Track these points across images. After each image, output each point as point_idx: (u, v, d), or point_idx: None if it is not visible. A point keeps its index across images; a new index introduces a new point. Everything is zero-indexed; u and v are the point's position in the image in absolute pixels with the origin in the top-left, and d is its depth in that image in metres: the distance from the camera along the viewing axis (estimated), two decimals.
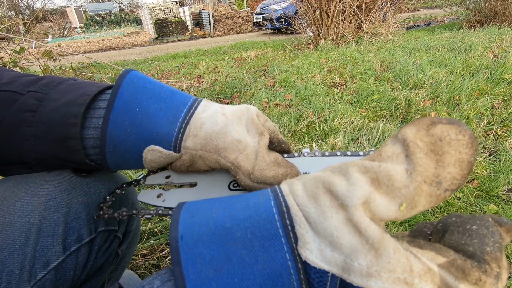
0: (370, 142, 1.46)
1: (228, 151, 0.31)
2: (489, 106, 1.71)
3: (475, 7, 4.87)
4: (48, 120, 0.31)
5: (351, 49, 3.58)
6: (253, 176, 0.30)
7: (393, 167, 0.20)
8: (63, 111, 0.31)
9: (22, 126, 0.31)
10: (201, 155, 0.32)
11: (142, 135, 0.31)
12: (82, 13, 20.76)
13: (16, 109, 0.32)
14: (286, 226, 0.21)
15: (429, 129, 0.20)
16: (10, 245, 0.30)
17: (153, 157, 0.32)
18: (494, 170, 1.26)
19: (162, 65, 4.36)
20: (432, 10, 10.56)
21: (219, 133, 0.31)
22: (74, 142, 0.31)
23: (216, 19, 10.30)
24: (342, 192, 0.21)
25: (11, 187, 0.34)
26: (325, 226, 0.20)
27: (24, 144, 0.32)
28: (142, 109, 0.32)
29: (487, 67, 2.27)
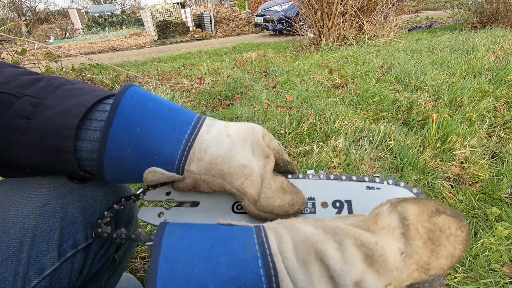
0: (372, 144, 1.45)
1: (234, 176, 0.30)
2: (492, 108, 1.70)
3: (476, 8, 4.86)
4: (43, 129, 0.30)
5: (352, 50, 3.57)
6: (259, 204, 0.29)
7: (388, 245, 0.20)
8: (57, 120, 0.30)
9: (17, 133, 0.31)
10: (205, 179, 0.31)
11: (142, 156, 0.30)
12: (84, 14, 20.85)
13: (11, 114, 0.31)
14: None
15: (432, 216, 0.20)
16: (3, 252, 0.30)
17: (154, 177, 0.31)
18: (497, 172, 1.25)
19: (164, 66, 4.36)
20: (433, 11, 10.55)
21: (225, 157, 0.30)
22: (67, 155, 0.31)
23: (217, 21, 10.32)
24: (335, 268, 0.20)
25: (6, 192, 0.34)
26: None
27: (19, 152, 0.31)
28: (142, 129, 0.30)
29: (489, 68, 2.26)
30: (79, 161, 0.32)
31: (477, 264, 0.86)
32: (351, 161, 1.32)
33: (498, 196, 1.11)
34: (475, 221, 1.03)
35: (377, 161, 1.35)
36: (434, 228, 0.20)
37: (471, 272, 0.85)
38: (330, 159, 1.32)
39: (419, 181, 1.21)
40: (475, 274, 0.84)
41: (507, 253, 0.90)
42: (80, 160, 0.32)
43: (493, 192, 1.13)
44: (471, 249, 0.91)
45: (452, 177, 1.24)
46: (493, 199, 1.11)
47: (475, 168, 1.26)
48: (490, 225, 1.01)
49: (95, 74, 3.10)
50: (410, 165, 1.28)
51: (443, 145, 1.38)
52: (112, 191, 0.40)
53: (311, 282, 0.20)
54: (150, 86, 2.86)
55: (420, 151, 1.38)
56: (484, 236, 0.95)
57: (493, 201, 1.11)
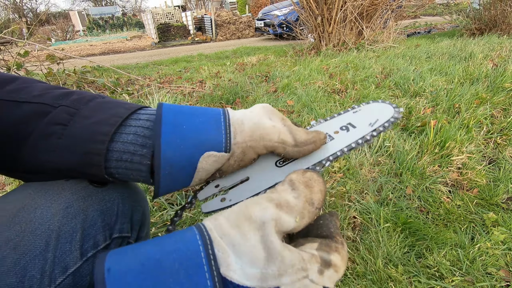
0: (371, 149, 1.47)
1: (271, 135, 0.37)
2: (489, 114, 1.73)
3: (475, 15, 4.93)
4: (77, 135, 0.33)
5: (352, 55, 3.62)
6: (298, 142, 0.38)
7: (287, 196, 0.31)
8: (93, 128, 0.34)
9: (53, 137, 0.34)
10: (251, 145, 0.37)
11: (194, 146, 0.35)
12: (85, 16, 20.91)
13: (48, 121, 0.34)
14: (208, 255, 0.25)
15: (303, 174, 0.33)
16: (31, 251, 0.32)
17: (207, 164, 0.35)
18: (494, 178, 1.27)
19: (165, 69, 4.39)
20: (432, 17, 10.65)
21: (259, 124, 0.37)
22: (97, 157, 0.33)
23: (218, 24, 10.39)
24: (258, 215, 0.28)
25: (31, 194, 0.36)
26: (246, 246, 0.26)
27: (50, 154, 0.34)
28: (187, 125, 0.35)
29: (487, 75, 2.29)
30: (107, 161, 0.35)
31: (474, 268, 0.88)
32: (351, 166, 1.34)
33: (494, 201, 1.14)
34: (472, 226, 1.05)
35: (376, 166, 1.37)
36: (306, 179, 0.32)
37: (468, 275, 0.87)
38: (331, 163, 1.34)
39: (417, 186, 1.23)
40: (472, 277, 0.86)
41: (503, 257, 0.92)
42: (107, 161, 0.35)
43: (490, 197, 1.16)
44: (468, 253, 0.93)
45: (450, 183, 1.27)
46: (489, 204, 1.14)
47: (473, 173, 1.28)
48: (487, 230, 1.03)
49: (97, 77, 3.12)
50: (409, 170, 1.30)
51: (441, 151, 1.41)
52: (128, 195, 0.42)
53: (243, 235, 0.27)
54: (151, 89, 2.89)
55: (419, 157, 1.41)
56: (481, 241, 0.97)
57: (490, 206, 1.13)
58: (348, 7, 4.00)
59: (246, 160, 0.37)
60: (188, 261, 0.25)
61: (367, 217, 1.09)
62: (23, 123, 0.34)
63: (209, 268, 0.25)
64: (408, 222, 1.04)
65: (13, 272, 0.30)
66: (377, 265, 0.89)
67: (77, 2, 32.44)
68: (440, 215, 1.10)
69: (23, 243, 0.32)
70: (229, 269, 0.25)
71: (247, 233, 0.27)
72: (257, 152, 0.37)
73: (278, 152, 0.38)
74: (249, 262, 0.25)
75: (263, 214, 0.28)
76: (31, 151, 0.34)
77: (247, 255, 0.26)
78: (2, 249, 0.31)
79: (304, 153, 0.39)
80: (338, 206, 1.13)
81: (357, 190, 1.23)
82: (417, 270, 0.89)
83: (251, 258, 0.26)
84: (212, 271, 0.25)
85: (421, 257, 0.95)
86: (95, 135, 0.33)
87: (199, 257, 0.25)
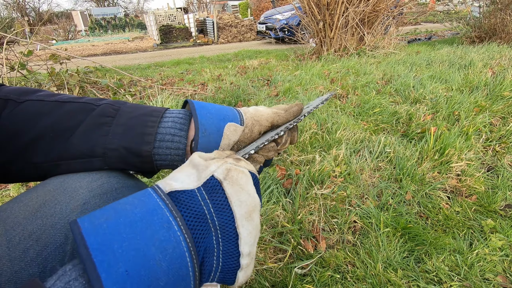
0: (372, 154, 1.49)
1: (267, 112, 0.50)
2: (488, 122, 1.76)
3: (475, 23, 4.98)
4: (126, 123, 0.42)
5: (353, 61, 3.65)
6: (286, 109, 0.50)
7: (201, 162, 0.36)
8: (141, 118, 0.43)
9: (104, 126, 0.42)
10: (256, 119, 0.49)
11: (219, 119, 0.46)
12: (87, 16, 20.99)
13: (97, 114, 0.42)
14: (154, 188, 0.31)
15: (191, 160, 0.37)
16: (52, 243, 0.34)
17: (229, 131, 0.46)
18: (492, 185, 1.29)
19: (166, 71, 4.41)
20: (432, 24, 10.74)
21: (257, 109, 0.50)
22: (149, 137, 0.42)
23: (220, 27, 10.44)
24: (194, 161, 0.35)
25: (51, 191, 0.38)
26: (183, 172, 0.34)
27: (101, 138, 0.41)
28: (211, 107, 0.47)
29: (486, 84, 2.32)
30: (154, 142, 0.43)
31: (472, 274, 0.90)
32: (352, 171, 1.36)
33: (493, 208, 1.16)
34: (471, 232, 1.07)
35: (377, 171, 1.39)
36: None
37: (466, 281, 0.88)
38: (331, 168, 1.36)
39: (417, 191, 1.25)
40: (470, 283, 0.88)
41: (501, 263, 0.94)
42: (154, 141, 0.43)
43: (488, 204, 1.17)
44: (467, 259, 0.94)
45: (449, 189, 1.28)
46: (488, 211, 1.16)
47: (471, 180, 1.30)
48: (485, 236, 1.05)
49: (100, 77, 3.14)
50: (409, 176, 1.32)
51: (441, 158, 1.43)
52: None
53: (181, 169, 0.35)
54: (154, 91, 2.91)
55: (419, 163, 1.43)
56: (479, 247, 0.99)
57: (488, 213, 1.15)
58: (350, 13, 4.04)
59: (254, 133, 0.48)
60: (140, 196, 0.30)
61: (367, 221, 1.10)
62: (69, 117, 0.41)
63: (155, 192, 0.30)
64: (407, 227, 1.06)
65: (35, 263, 0.32)
66: (377, 269, 0.91)
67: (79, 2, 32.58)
68: (439, 221, 1.12)
69: (44, 236, 0.34)
70: (172, 187, 0.31)
71: (185, 169, 0.35)
72: (261, 124, 0.48)
73: (275, 121, 0.49)
74: (186, 177, 0.33)
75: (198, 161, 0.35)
76: (82, 138, 0.41)
77: (184, 175, 0.33)
78: (26, 241, 0.33)
79: (294, 114, 0.50)
80: (339, 210, 1.15)
81: (357, 195, 1.24)
82: (416, 274, 0.90)
83: (187, 174, 0.34)
84: (158, 194, 0.30)
85: (420, 262, 0.96)
86: (146, 122, 0.43)
87: (149, 193, 0.30)
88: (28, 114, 0.40)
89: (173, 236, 0.28)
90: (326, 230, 1.08)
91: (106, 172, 0.42)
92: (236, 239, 0.32)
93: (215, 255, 0.31)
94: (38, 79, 2.95)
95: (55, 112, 0.41)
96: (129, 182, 0.44)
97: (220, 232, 0.31)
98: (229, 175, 0.33)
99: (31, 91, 0.43)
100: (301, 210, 1.14)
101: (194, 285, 0.29)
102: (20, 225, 0.34)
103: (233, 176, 0.33)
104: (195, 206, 0.31)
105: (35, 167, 0.42)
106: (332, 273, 0.90)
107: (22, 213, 0.35)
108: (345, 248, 1.01)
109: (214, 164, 0.34)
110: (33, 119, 0.40)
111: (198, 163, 0.34)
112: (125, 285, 0.23)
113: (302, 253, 0.98)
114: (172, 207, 0.29)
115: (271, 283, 0.89)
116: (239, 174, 0.33)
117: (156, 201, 0.29)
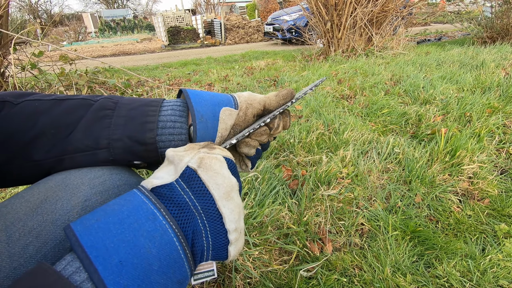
0: (380, 156, 1.46)
1: (259, 97, 0.51)
2: (501, 124, 1.71)
3: (486, 23, 4.87)
4: (127, 114, 0.44)
5: (361, 62, 3.61)
6: (276, 93, 0.51)
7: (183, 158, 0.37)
8: (141, 109, 0.45)
9: (105, 118, 0.43)
10: (250, 103, 0.50)
11: (214, 104, 0.47)
12: (97, 18, 21.33)
13: (97, 108, 0.43)
14: (139, 189, 0.34)
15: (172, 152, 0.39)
16: (52, 240, 0.33)
17: (225, 115, 0.47)
18: (506, 189, 1.25)
19: (174, 72, 4.44)
20: (443, 25, 10.57)
21: (251, 95, 0.51)
22: (151, 125, 0.44)
23: (227, 28, 10.48)
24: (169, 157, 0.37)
25: (52, 188, 0.37)
26: (162, 170, 0.37)
27: (104, 130, 0.42)
28: (205, 94, 0.48)
29: (499, 84, 2.26)
30: (156, 129, 0.45)
31: (485, 280, 0.86)
32: (360, 172, 1.33)
33: (506, 212, 1.12)
34: (483, 236, 1.03)
35: (385, 173, 1.36)
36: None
37: (479, 287, 0.85)
38: (338, 169, 1.34)
39: (427, 194, 1.22)
40: None
41: None
42: (157, 129, 0.45)
43: (502, 208, 1.14)
44: (479, 265, 0.91)
45: (461, 192, 1.25)
46: (501, 215, 1.12)
47: (484, 183, 1.26)
48: (498, 241, 1.01)
49: (108, 78, 3.17)
50: (419, 178, 1.29)
51: (452, 160, 1.39)
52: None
53: (162, 168, 0.37)
54: (161, 91, 2.92)
55: (429, 165, 1.39)
56: (492, 252, 0.95)
57: (502, 217, 1.11)
58: (358, 14, 4.00)
59: (249, 116, 0.49)
60: (126, 196, 0.33)
61: (375, 224, 1.08)
62: (68, 114, 0.42)
63: (139, 191, 0.33)
64: (417, 231, 1.03)
65: (35, 259, 0.32)
66: (385, 273, 0.88)
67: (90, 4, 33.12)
68: (450, 225, 1.08)
69: (44, 232, 0.33)
70: (153, 184, 0.34)
71: (164, 167, 0.37)
72: (254, 107, 0.50)
73: (267, 104, 0.51)
74: (165, 174, 0.36)
75: (173, 155, 0.38)
76: (85, 132, 0.42)
77: (163, 172, 0.36)
78: (26, 237, 0.32)
79: (284, 97, 0.50)
80: (346, 212, 1.13)
81: (365, 196, 1.22)
82: (426, 279, 0.88)
83: (165, 171, 0.36)
84: (142, 192, 0.33)
85: (430, 266, 0.93)
86: (147, 112, 0.45)
87: (134, 193, 0.33)
88: (26, 114, 0.41)
89: (159, 225, 0.30)
90: (333, 232, 1.06)
91: (109, 169, 0.42)
92: (220, 218, 0.34)
93: (203, 235, 0.34)
94: (48, 79, 2.99)
95: (54, 110, 0.42)
96: (132, 179, 0.43)
97: (204, 215, 0.34)
98: (203, 163, 0.35)
99: (27, 94, 0.44)
100: (307, 212, 1.12)
101: (189, 266, 0.32)
102: (21, 221, 0.33)
103: (207, 163, 0.35)
104: (176, 196, 0.33)
105: (36, 165, 0.42)
106: (338, 277, 0.88)
107: (23, 209, 0.35)
108: (352, 251, 0.98)
109: (188, 156, 0.36)
110: (32, 118, 0.41)
111: (173, 157, 0.37)
112: (121, 273, 0.26)
113: (308, 256, 0.96)
114: (156, 201, 0.32)
115: (276, 285, 0.87)
116: (212, 161, 0.35)
117: (141, 198, 0.32)
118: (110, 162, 0.44)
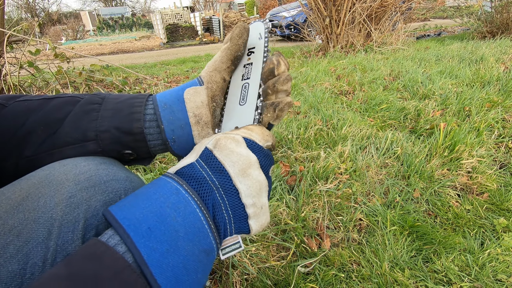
0: (378, 151, 1.45)
1: (220, 59, 0.50)
2: (500, 118, 1.70)
3: (486, 18, 4.84)
4: (114, 107, 0.45)
5: (360, 57, 3.59)
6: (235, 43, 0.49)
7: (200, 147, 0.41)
8: (127, 102, 0.46)
9: (92, 112, 0.44)
10: (214, 69, 0.49)
11: (179, 89, 0.49)
12: (95, 16, 21.22)
13: (84, 103, 0.45)
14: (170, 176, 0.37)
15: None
16: (34, 239, 0.32)
17: (189, 95, 0.47)
18: (505, 183, 1.24)
19: (172, 69, 4.42)
20: (442, 20, 10.52)
21: (209, 63, 0.51)
22: (138, 115, 0.45)
23: (226, 25, 10.43)
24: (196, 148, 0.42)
25: (35, 184, 0.36)
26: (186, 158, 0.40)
27: (91, 122, 0.44)
28: (172, 89, 0.50)
29: (498, 79, 2.25)
30: (144, 121, 0.46)
31: (483, 274, 0.86)
32: (358, 168, 1.32)
33: (505, 206, 1.11)
34: (482, 231, 1.03)
35: (383, 168, 1.35)
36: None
37: (477, 282, 0.85)
38: (337, 164, 1.33)
39: (425, 189, 1.21)
40: (481, 284, 0.84)
41: None
42: (144, 121, 0.46)
43: (501, 202, 1.13)
44: (478, 259, 0.91)
45: (459, 187, 1.24)
46: (500, 209, 1.11)
47: (483, 178, 1.25)
48: (497, 235, 1.00)
49: (106, 75, 3.15)
50: (417, 173, 1.28)
51: (451, 154, 1.38)
52: (131, 188, 0.42)
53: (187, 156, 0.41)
54: (159, 89, 2.91)
55: (427, 160, 1.38)
56: (491, 247, 0.94)
57: (501, 211, 1.10)
58: (356, 9, 3.97)
59: (219, 81, 0.49)
60: (153, 181, 0.37)
61: (373, 219, 1.07)
62: (57, 110, 0.44)
63: (164, 175, 0.38)
64: (415, 226, 1.02)
65: (15, 259, 0.31)
66: (383, 268, 0.88)
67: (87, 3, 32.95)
68: (448, 219, 1.08)
69: (26, 231, 0.32)
70: (176, 167, 0.38)
71: (188, 156, 0.41)
72: (219, 69, 0.49)
73: (229, 54, 0.49)
74: (188, 158, 0.40)
75: (197, 145, 0.42)
76: (73, 125, 0.43)
77: (187, 158, 0.40)
78: (6, 236, 0.31)
79: (238, 35, 0.49)
80: (344, 208, 1.12)
81: (363, 192, 1.21)
82: (424, 274, 0.87)
83: (188, 156, 0.40)
84: (166, 174, 0.38)
85: (428, 261, 0.93)
86: (134, 103, 0.46)
87: (159, 178, 0.38)
88: (17, 113, 0.43)
89: (182, 198, 0.34)
90: (331, 228, 1.05)
91: (95, 165, 0.41)
92: (236, 193, 0.37)
93: (223, 208, 0.37)
94: (45, 78, 2.97)
95: (43, 108, 0.44)
96: (120, 175, 0.42)
97: (222, 189, 0.37)
98: (218, 143, 0.38)
99: (17, 96, 0.46)
100: (305, 208, 1.11)
101: (213, 237, 0.35)
102: (0, 219, 0.32)
103: (222, 143, 0.38)
104: (195, 173, 0.37)
105: (29, 161, 0.43)
106: (336, 272, 0.88)
107: (3, 206, 0.33)
108: (350, 246, 0.98)
109: (207, 140, 0.40)
110: (22, 117, 0.43)
111: (196, 146, 0.41)
112: (150, 237, 0.30)
113: (306, 251, 0.96)
114: (178, 179, 0.36)
115: (274, 282, 0.87)
116: (227, 141, 0.38)
117: (165, 179, 0.36)
118: (99, 154, 0.45)
